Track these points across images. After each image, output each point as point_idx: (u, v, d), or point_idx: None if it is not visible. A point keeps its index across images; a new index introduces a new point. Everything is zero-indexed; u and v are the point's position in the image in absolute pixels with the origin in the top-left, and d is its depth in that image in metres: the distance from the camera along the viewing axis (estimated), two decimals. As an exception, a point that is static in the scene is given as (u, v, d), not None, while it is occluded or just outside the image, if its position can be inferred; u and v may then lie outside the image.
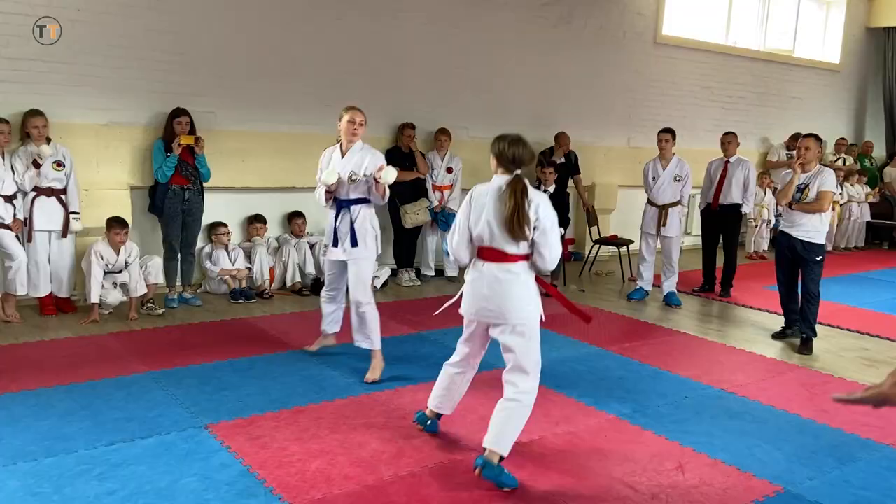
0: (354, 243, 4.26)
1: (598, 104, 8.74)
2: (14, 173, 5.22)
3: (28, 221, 5.31)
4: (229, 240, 6.31)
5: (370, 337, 4.34)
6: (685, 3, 9.45)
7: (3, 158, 5.17)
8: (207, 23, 6.08)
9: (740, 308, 6.68)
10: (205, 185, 5.92)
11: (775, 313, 6.08)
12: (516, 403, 3.20)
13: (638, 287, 6.88)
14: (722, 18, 9.95)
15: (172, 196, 5.75)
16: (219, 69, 6.18)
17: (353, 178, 4.23)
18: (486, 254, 3.22)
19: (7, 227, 5.14)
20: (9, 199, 5.18)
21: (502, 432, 3.15)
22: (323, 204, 4.38)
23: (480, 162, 7.77)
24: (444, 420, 3.71)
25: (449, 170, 7.32)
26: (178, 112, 5.72)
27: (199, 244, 6.18)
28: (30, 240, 5.32)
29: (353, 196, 4.28)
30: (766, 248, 9.59)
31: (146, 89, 5.86)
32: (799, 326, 5.46)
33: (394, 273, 7.13)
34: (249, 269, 6.31)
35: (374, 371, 4.32)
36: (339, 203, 4.30)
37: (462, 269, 6.97)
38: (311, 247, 6.52)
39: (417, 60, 7.26)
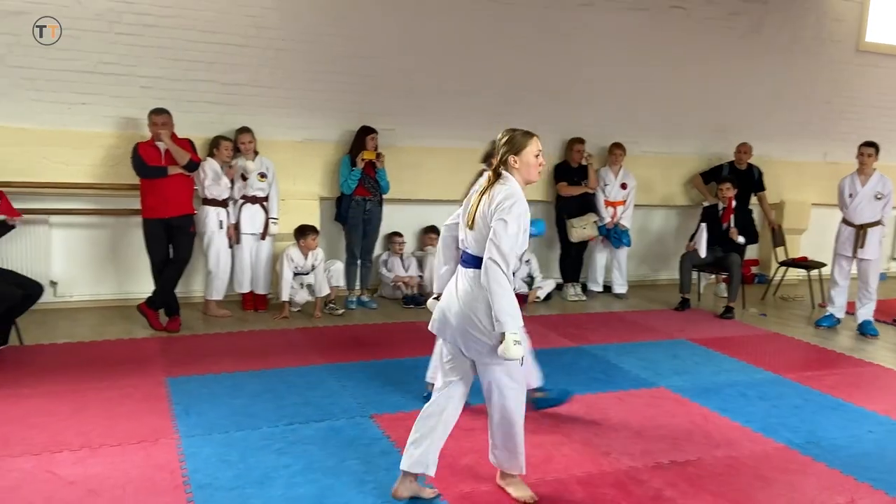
0: None
1: (790, 117, 8.18)
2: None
3: (237, 225, 6.03)
4: (403, 249, 6.72)
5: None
6: (893, 8, 8.57)
7: (223, 170, 5.93)
8: (392, 47, 6.55)
9: (952, 343, 5.92)
10: (384, 196, 6.37)
11: None
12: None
13: (828, 314, 6.34)
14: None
15: (355, 206, 6.24)
16: (400, 89, 6.63)
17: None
18: None
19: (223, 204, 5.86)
20: (223, 204, 5.91)
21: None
22: None
23: (654, 178, 7.67)
24: (597, 430, 3.73)
25: (623, 185, 7.22)
26: (368, 130, 6.22)
27: (377, 252, 6.65)
28: (237, 241, 6.04)
29: None
30: None
31: (336, 109, 6.44)
32: None
33: (559, 287, 7.16)
34: (421, 276, 6.67)
35: None
36: None
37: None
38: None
39: (590, 75, 7.26)
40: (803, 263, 7.41)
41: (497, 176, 2.86)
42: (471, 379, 3.01)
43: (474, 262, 2.83)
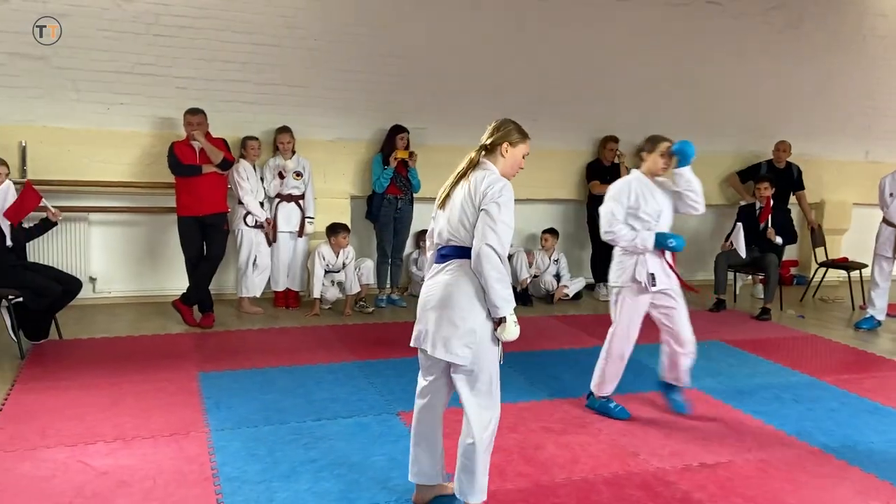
0: None
1: (830, 114, 7.99)
2: (263, 182, 6.05)
3: (273, 223, 6.10)
4: (434, 247, 6.72)
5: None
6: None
7: (256, 169, 6.01)
8: (425, 47, 6.57)
9: None
10: (415, 195, 6.39)
11: None
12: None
13: (868, 316, 6.17)
14: None
15: (387, 205, 6.27)
16: (432, 89, 6.65)
17: None
18: None
19: (261, 226, 5.96)
20: (260, 204, 6.01)
21: None
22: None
23: (689, 176, 7.52)
24: (626, 430, 3.72)
25: (657, 184, 7.11)
26: (400, 129, 6.24)
27: (407, 250, 6.68)
28: (275, 239, 6.11)
29: None
30: None
31: (367, 108, 6.49)
32: None
33: (590, 287, 7.10)
34: (452, 275, 6.66)
35: None
36: None
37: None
38: (510, 257, 6.72)
39: (622, 73, 7.19)
40: (844, 264, 7.23)
41: (476, 162, 2.74)
42: (449, 389, 2.81)
43: (456, 252, 2.69)
